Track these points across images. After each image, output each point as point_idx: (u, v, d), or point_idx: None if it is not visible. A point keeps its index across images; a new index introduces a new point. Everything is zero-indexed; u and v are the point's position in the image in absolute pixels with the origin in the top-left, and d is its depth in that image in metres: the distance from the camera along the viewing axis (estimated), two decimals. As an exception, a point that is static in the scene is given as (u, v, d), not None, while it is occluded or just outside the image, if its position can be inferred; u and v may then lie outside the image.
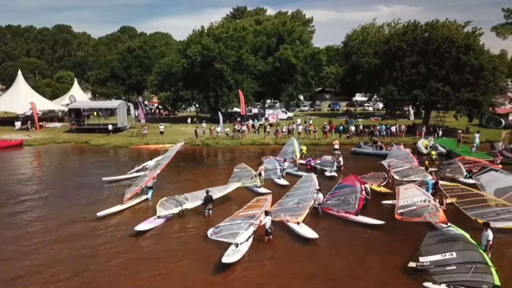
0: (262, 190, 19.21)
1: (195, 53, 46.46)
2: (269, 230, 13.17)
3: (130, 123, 44.96)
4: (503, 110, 41.01)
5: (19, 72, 50.10)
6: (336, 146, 28.82)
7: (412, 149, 30.71)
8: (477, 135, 28.33)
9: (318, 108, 70.32)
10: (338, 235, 14.53)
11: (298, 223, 14.47)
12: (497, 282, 9.56)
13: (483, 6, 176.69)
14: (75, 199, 18.86)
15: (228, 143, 35.05)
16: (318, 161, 25.61)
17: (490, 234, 11.37)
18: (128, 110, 47.05)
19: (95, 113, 50.30)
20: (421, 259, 11.41)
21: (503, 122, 39.81)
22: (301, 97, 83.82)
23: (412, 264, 11.24)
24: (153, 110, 61.12)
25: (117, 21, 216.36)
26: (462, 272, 10.26)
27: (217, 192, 16.79)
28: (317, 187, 16.60)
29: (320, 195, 16.14)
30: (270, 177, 21.75)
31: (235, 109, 50.03)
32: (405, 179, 21.03)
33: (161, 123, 38.43)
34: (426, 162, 22.84)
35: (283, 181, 21.21)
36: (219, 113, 39.10)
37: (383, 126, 35.52)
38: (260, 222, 13.40)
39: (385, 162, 23.98)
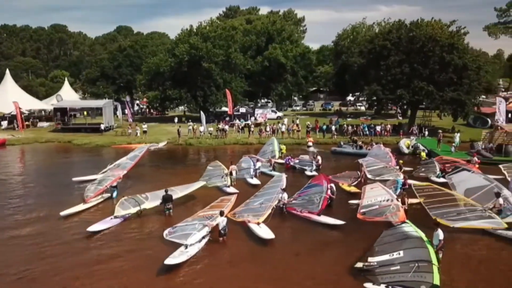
0: (231, 189, 19.08)
1: (183, 53, 46.34)
2: (222, 232, 13.01)
3: (117, 123, 44.83)
4: (489, 109, 40.75)
5: (7, 72, 49.94)
6: (310, 144, 28.75)
7: (394, 149, 30.92)
8: (457, 135, 28.18)
9: (310, 107, 70.20)
10: (297, 235, 14.41)
11: (258, 223, 14.31)
12: (436, 281, 9.37)
13: (482, 6, 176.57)
14: (43, 198, 18.76)
15: (211, 143, 34.92)
16: (296, 161, 25.54)
17: (440, 233, 11.20)
18: (116, 109, 46.97)
19: (85, 113, 50.20)
20: (370, 259, 11.25)
21: (489, 121, 39.57)
22: (295, 97, 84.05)
23: (359, 265, 11.08)
24: (143, 110, 61.04)
25: (117, 21, 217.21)
26: (404, 271, 10.11)
27: (178, 192, 16.62)
28: (283, 187, 16.40)
29: (285, 195, 15.97)
30: (244, 177, 21.61)
31: (224, 109, 49.91)
32: (377, 178, 20.93)
33: (144, 123, 38.30)
34: (400, 162, 22.65)
35: (255, 181, 21.09)
36: (201, 113, 38.93)
37: (366, 126, 35.33)
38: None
39: (361, 161, 23.86)
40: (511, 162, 23.11)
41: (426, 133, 34.37)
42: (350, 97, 69.66)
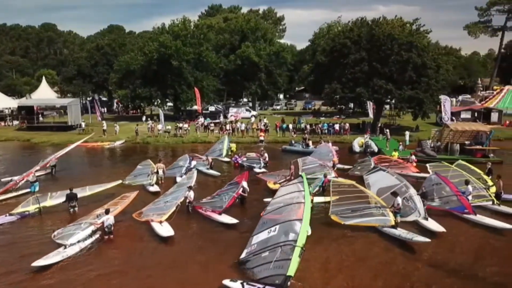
0: (153, 188, 18.95)
1: (152, 51, 46.27)
2: (106, 230, 12.90)
3: (86, 121, 44.69)
4: (455, 108, 40.64)
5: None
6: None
7: (349, 148, 30.89)
8: (407, 133, 28.01)
9: (290, 107, 70.15)
10: (199, 234, 14.23)
11: (160, 222, 14.18)
12: (291, 272, 9.32)
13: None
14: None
15: (168, 141, 34.80)
16: (244, 159, 25.50)
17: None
18: (85, 108, 46.91)
19: (62, 111, 50.06)
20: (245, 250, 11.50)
21: (454, 119, 39.26)
22: (281, 96, 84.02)
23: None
24: (119, 108, 60.92)
25: (116, 20, 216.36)
26: (268, 261, 10.22)
27: (86, 190, 16.48)
28: (189, 185, 16.26)
29: (191, 193, 15.82)
30: (175, 175, 21.48)
31: (196, 107, 49.72)
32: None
33: (103, 121, 38.23)
34: (334, 160, 22.51)
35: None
36: (160, 111, 38.82)
37: (325, 125, 35.19)
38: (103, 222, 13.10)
39: (300, 160, 23.74)
40: (455, 160, 22.94)
41: (386, 133, 34.00)
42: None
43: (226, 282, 10.04)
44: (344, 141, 33.76)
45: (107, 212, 13.13)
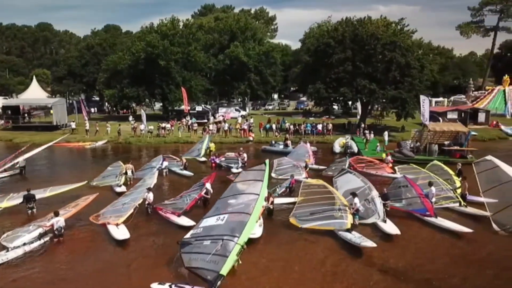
0: (120, 189, 18.74)
1: (139, 50, 46.06)
2: (56, 232, 12.67)
3: (73, 121, 44.43)
4: (440, 108, 40.35)
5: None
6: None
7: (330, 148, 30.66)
8: (385, 133, 27.76)
9: (283, 107, 70.03)
10: (155, 236, 13.94)
11: (117, 224, 13.95)
12: (223, 271, 9.07)
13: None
14: None
15: (150, 141, 34.60)
16: (222, 159, 25.33)
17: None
18: (72, 107, 46.68)
19: (51, 111, 49.80)
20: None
21: (440, 120, 39.10)
22: (275, 96, 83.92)
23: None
24: (109, 108, 60.67)
25: (117, 21, 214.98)
26: (207, 252, 9.98)
27: (47, 191, 16.25)
28: (148, 186, 16.02)
29: (150, 195, 15.59)
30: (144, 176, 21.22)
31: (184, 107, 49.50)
32: (280, 176, 20.75)
33: (86, 121, 38.01)
34: (306, 160, 22.31)
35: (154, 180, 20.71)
36: (142, 111, 38.61)
37: (308, 125, 34.94)
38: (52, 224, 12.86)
39: (276, 161, 23.61)
40: (431, 161, 22.74)
41: (368, 133, 33.54)
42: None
43: (154, 285, 9.81)
44: (327, 142, 33.51)
45: (56, 214, 12.89)
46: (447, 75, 67.25)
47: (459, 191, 16.71)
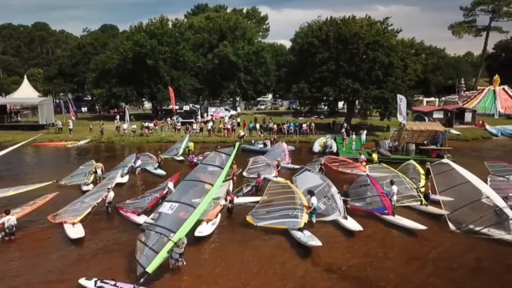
0: (87, 188, 18.67)
1: (126, 50, 46.06)
2: (7, 231, 12.63)
3: (60, 120, 44.42)
4: (426, 108, 40.24)
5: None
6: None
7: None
8: (363, 133, 27.68)
9: (275, 106, 70.14)
10: (111, 235, 13.86)
11: (73, 223, 13.89)
12: (150, 269, 9.04)
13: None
14: None
15: (133, 140, 34.57)
16: (200, 158, 25.27)
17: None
18: (60, 107, 46.68)
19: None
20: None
21: (426, 119, 39.02)
22: (269, 96, 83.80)
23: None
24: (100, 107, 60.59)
25: (116, 21, 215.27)
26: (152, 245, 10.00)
27: (11, 190, 16.18)
28: (109, 186, 15.95)
29: (111, 194, 15.53)
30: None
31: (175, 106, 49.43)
32: (251, 176, 20.73)
33: (69, 121, 38.04)
34: (279, 160, 22.25)
35: (125, 179, 20.69)
36: (126, 110, 38.57)
37: (292, 124, 34.87)
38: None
39: (251, 159, 23.59)
40: (408, 160, 22.67)
41: (345, 132, 32.79)
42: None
43: (81, 280, 9.84)
44: (310, 141, 33.38)
45: (7, 212, 12.84)
46: (438, 75, 67.05)
47: (423, 190, 16.62)
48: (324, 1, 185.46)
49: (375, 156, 23.90)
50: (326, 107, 50.59)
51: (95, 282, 9.47)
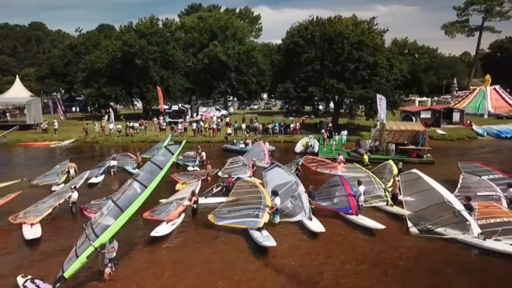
0: (57, 188, 18.60)
1: (115, 49, 46.00)
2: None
3: (50, 120, 44.33)
4: (414, 108, 40.14)
5: None
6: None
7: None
8: (344, 133, 27.59)
9: (268, 106, 70.16)
10: (69, 236, 13.78)
11: (32, 224, 13.80)
12: (67, 274, 8.83)
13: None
14: None
15: (118, 140, 34.51)
16: (180, 157, 25.26)
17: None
18: (47, 107, 46.60)
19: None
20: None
21: (413, 119, 38.94)
22: (264, 95, 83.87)
23: None
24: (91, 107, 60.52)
25: (115, 21, 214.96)
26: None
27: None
28: (73, 186, 15.87)
29: (75, 194, 15.44)
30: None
31: (165, 106, 49.34)
32: (226, 175, 20.59)
33: (54, 121, 37.94)
34: (254, 160, 22.16)
35: (99, 179, 20.63)
36: (111, 110, 38.50)
37: (277, 124, 34.78)
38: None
39: (230, 159, 23.53)
40: (388, 160, 22.54)
41: (325, 132, 32.42)
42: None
43: (18, 278, 9.76)
44: (294, 141, 33.25)
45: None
46: (431, 74, 66.96)
47: (391, 190, 16.55)
48: (324, 1, 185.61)
49: (366, 157, 23.76)
50: (321, 107, 50.67)
51: (26, 280, 9.36)
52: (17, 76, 64.69)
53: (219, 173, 21.11)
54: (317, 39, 34.79)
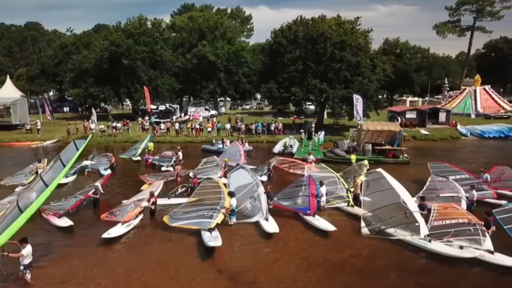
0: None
1: (102, 49, 45.99)
2: None
3: (35, 120, 44.30)
4: (400, 108, 40.04)
5: None
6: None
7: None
8: (321, 133, 27.51)
9: (260, 106, 70.18)
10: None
11: None
12: None
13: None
14: None
15: (100, 140, 34.46)
16: (156, 157, 25.34)
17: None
18: (35, 107, 46.56)
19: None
20: None
21: (399, 119, 38.87)
22: (258, 95, 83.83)
23: None
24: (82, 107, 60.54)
25: (115, 20, 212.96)
26: None
27: None
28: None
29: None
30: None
31: (153, 106, 49.30)
32: (199, 175, 20.52)
33: (37, 121, 37.93)
34: (225, 160, 22.10)
35: (69, 179, 20.56)
36: (93, 110, 38.47)
37: (259, 124, 34.71)
38: None
39: (204, 159, 23.48)
40: (363, 160, 22.48)
41: (304, 133, 31.86)
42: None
43: None
44: (277, 141, 33.21)
45: None
46: (423, 74, 66.86)
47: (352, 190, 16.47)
48: (324, 1, 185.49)
49: (353, 157, 23.51)
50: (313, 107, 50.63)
51: None
52: (7, 76, 64.80)
53: (190, 174, 21.02)
54: (300, 39, 34.70)
